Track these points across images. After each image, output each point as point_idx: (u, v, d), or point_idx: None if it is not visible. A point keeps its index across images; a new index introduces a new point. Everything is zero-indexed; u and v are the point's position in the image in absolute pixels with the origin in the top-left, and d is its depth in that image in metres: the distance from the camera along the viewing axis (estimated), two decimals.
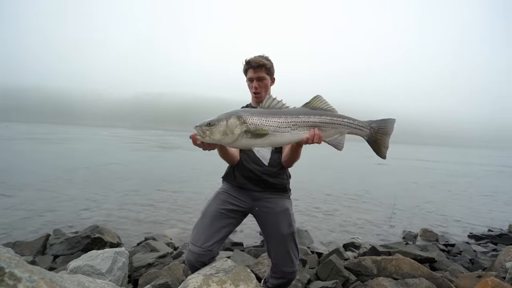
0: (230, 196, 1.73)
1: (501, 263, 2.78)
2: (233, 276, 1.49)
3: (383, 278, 2.37)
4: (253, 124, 1.30)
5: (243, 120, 1.30)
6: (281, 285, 1.81)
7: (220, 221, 1.66)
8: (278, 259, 1.71)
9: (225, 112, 1.37)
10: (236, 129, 1.29)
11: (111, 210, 5.44)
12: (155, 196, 6.71)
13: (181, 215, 5.44)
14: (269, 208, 1.70)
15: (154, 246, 3.46)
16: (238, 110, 1.37)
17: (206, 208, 1.72)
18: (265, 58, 1.77)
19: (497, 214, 6.96)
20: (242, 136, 1.30)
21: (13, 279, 0.65)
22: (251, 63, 1.74)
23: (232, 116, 1.31)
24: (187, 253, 1.63)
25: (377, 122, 1.45)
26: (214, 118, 1.31)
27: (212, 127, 1.28)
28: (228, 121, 1.29)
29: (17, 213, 4.94)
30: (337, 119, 1.39)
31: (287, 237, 1.67)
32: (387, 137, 1.46)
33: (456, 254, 3.96)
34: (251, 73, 1.75)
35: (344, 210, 6.40)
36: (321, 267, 2.77)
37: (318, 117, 1.36)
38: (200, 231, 1.63)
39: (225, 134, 1.29)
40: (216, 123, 1.28)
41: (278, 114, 1.34)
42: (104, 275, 2.04)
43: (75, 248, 3.34)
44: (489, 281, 1.98)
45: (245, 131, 1.30)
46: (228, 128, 1.28)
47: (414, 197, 8.30)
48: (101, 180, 8.21)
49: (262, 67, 1.74)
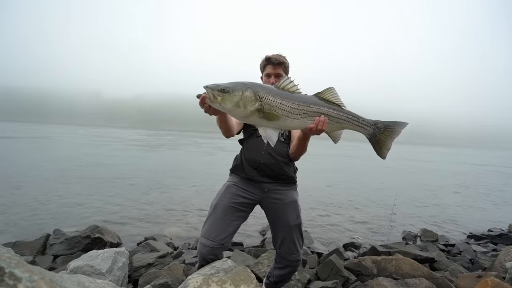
0: (240, 188, 1.76)
1: (501, 263, 2.78)
2: (233, 276, 1.49)
3: (383, 278, 2.37)
4: (268, 104, 1.24)
5: (259, 97, 1.23)
6: (285, 275, 1.87)
7: (231, 215, 1.69)
8: (284, 249, 1.77)
9: (240, 82, 1.28)
10: (250, 104, 1.22)
11: (111, 210, 5.44)
12: (155, 196, 6.71)
13: (181, 215, 5.44)
14: (278, 200, 1.75)
15: (154, 246, 3.46)
16: (255, 84, 1.28)
17: (217, 201, 1.74)
18: (284, 57, 1.85)
19: (497, 214, 6.96)
20: (253, 113, 1.24)
21: (13, 279, 0.65)
22: (271, 60, 1.80)
23: (248, 89, 1.22)
24: (199, 246, 1.66)
25: (385, 123, 1.41)
26: (229, 84, 1.22)
27: (225, 94, 1.19)
28: (244, 93, 1.21)
29: (17, 213, 4.94)
30: (343, 114, 1.37)
31: (295, 227, 1.74)
32: (391, 139, 1.42)
33: (456, 254, 3.96)
34: (270, 69, 1.81)
35: (344, 210, 6.40)
36: (321, 267, 2.77)
37: (327, 109, 1.34)
38: (212, 224, 1.67)
39: (237, 106, 1.21)
40: (230, 91, 1.20)
41: (292, 99, 1.30)
42: (104, 275, 2.04)
43: (75, 248, 3.34)
44: (489, 281, 1.98)
45: (258, 109, 1.24)
46: (242, 101, 1.21)
47: (414, 197, 8.30)
48: (101, 180, 8.22)
49: (282, 65, 1.81)
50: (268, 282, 2.00)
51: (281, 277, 1.88)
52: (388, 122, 1.41)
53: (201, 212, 5.65)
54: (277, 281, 1.93)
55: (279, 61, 1.80)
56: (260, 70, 1.90)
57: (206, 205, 6.06)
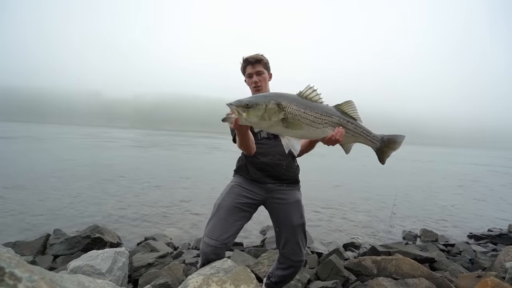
0: (244, 189, 1.77)
1: (500, 263, 2.78)
2: (233, 276, 1.49)
3: (383, 278, 2.37)
4: (291, 113, 1.27)
5: (282, 107, 1.25)
6: (288, 275, 1.87)
7: (235, 215, 1.70)
8: (287, 249, 1.78)
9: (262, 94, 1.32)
10: (274, 116, 1.24)
11: (111, 210, 5.44)
12: (155, 196, 6.71)
13: (181, 215, 5.44)
14: (282, 200, 1.77)
15: (154, 246, 3.46)
16: (278, 94, 1.31)
17: (221, 201, 1.74)
18: (260, 55, 1.86)
19: (497, 214, 6.96)
20: (278, 123, 1.26)
21: (13, 279, 0.65)
22: (248, 60, 1.81)
23: (271, 101, 1.25)
24: (202, 245, 1.66)
25: (389, 137, 1.55)
26: (251, 99, 1.25)
27: (249, 109, 1.22)
28: (267, 106, 1.24)
29: (17, 213, 4.94)
30: (359, 129, 1.45)
31: (299, 227, 1.76)
32: (393, 150, 1.58)
33: (456, 254, 3.96)
34: (250, 69, 1.82)
35: (344, 210, 6.40)
36: (321, 267, 2.77)
37: (346, 122, 1.40)
38: (216, 224, 1.67)
39: (262, 119, 1.24)
40: (254, 105, 1.23)
41: (314, 108, 1.32)
42: (104, 275, 2.04)
43: (75, 248, 3.34)
44: (488, 281, 1.98)
45: (282, 119, 1.26)
46: (266, 113, 1.23)
47: (414, 197, 8.31)
48: (101, 180, 8.21)
49: (260, 62, 1.82)
50: (268, 282, 2.00)
51: (283, 277, 1.88)
52: (392, 136, 1.55)
53: (201, 212, 5.65)
54: (278, 281, 1.93)
55: (256, 59, 1.81)
56: (242, 73, 1.91)
57: (206, 205, 6.07)
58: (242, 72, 1.90)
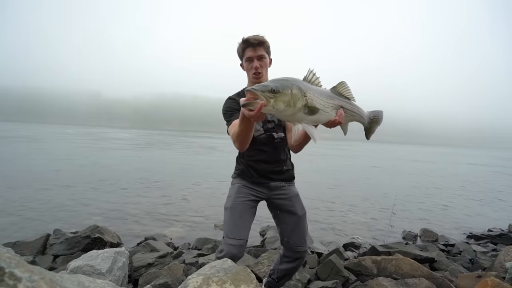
0: (250, 189, 1.82)
1: (501, 263, 2.78)
2: (233, 276, 1.49)
3: (383, 278, 2.37)
4: (310, 99, 1.23)
5: (303, 93, 1.20)
6: (293, 268, 1.91)
7: (247, 212, 1.77)
8: (294, 240, 1.83)
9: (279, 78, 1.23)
10: (299, 101, 1.18)
11: (111, 210, 5.44)
12: (155, 196, 6.71)
13: (181, 215, 5.44)
14: (284, 194, 1.85)
15: (154, 246, 3.46)
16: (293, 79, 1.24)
17: (232, 202, 1.77)
18: (262, 36, 1.70)
19: (497, 214, 6.97)
20: (300, 110, 1.21)
21: (13, 279, 0.65)
22: (250, 41, 1.64)
23: (294, 86, 1.19)
24: (228, 248, 1.67)
25: (374, 113, 1.61)
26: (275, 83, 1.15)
27: (276, 95, 1.13)
28: (292, 91, 1.17)
29: (17, 213, 4.94)
30: (355, 108, 1.47)
31: (302, 218, 1.85)
32: (378, 126, 1.64)
33: (456, 254, 3.96)
34: (251, 52, 1.66)
35: (344, 210, 6.40)
36: (321, 267, 2.77)
37: (345, 103, 1.41)
38: (235, 224, 1.72)
39: (288, 105, 1.16)
40: (281, 90, 1.14)
41: (321, 93, 1.30)
42: (104, 275, 2.04)
43: (75, 248, 3.34)
44: (489, 281, 1.98)
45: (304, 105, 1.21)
46: (292, 99, 1.16)
47: (414, 197, 8.31)
48: (100, 180, 8.21)
49: (262, 44, 1.67)
50: (270, 279, 2.02)
51: (288, 271, 1.92)
52: (375, 112, 1.61)
53: (201, 212, 5.65)
54: (281, 276, 1.96)
55: (259, 40, 1.64)
56: (239, 56, 1.75)
57: (206, 205, 6.07)
58: (240, 54, 1.73)
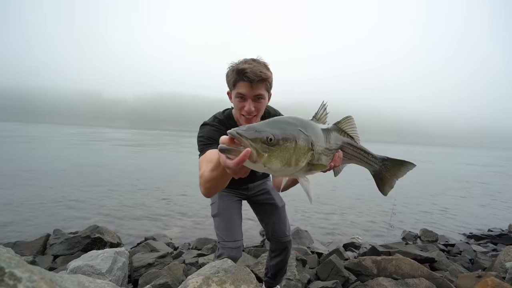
0: (230, 192, 1.85)
1: (501, 263, 2.78)
2: (233, 276, 1.49)
3: (383, 278, 2.37)
4: (318, 153, 0.91)
5: (311, 145, 0.86)
6: (282, 260, 1.95)
7: (235, 212, 1.79)
8: (278, 232, 1.87)
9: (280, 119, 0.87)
10: (303, 158, 0.83)
11: (111, 210, 5.44)
12: (155, 196, 6.71)
13: (181, 215, 5.44)
14: (262, 190, 1.89)
15: (154, 246, 3.46)
16: (303, 122, 0.91)
17: (218, 208, 1.78)
18: (265, 67, 1.31)
19: (497, 214, 6.96)
20: (302, 169, 0.87)
21: (13, 279, 0.65)
22: (247, 75, 1.23)
23: (301, 134, 0.84)
24: (227, 251, 1.68)
25: (393, 161, 1.29)
26: (274, 128, 0.79)
27: (273, 148, 0.76)
28: (297, 143, 0.81)
29: (17, 213, 4.94)
30: (357, 150, 1.23)
31: (282, 208, 1.90)
32: (396, 178, 1.32)
33: (456, 254, 3.96)
34: (246, 89, 1.28)
35: (344, 210, 6.39)
36: (321, 267, 2.77)
37: (344, 145, 1.16)
38: (230, 227, 1.73)
39: (287, 165, 0.79)
40: (281, 141, 0.77)
41: (328, 137, 1.02)
42: (104, 275, 2.04)
43: (75, 248, 3.34)
44: (489, 281, 1.98)
45: (307, 163, 0.87)
46: (295, 155, 0.80)
47: (414, 197, 8.30)
48: (100, 180, 8.21)
49: (263, 82, 1.28)
50: (267, 279, 2.05)
51: (279, 265, 1.96)
52: (397, 161, 1.30)
53: (201, 212, 5.65)
54: (275, 272, 2.00)
55: (260, 77, 1.24)
56: (228, 84, 1.36)
57: (206, 205, 6.06)
58: (230, 85, 1.35)
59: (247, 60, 1.31)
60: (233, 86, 1.32)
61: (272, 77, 1.34)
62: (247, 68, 1.24)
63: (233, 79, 1.30)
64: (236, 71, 1.27)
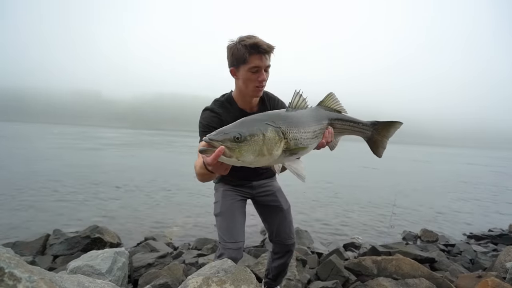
0: (234, 190, 1.82)
1: (501, 263, 2.77)
2: (233, 276, 1.49)
3: (383, 278, 2.37)
4: (294, 139, 1.01)
5: (282, 135, 0.97)
6: (285, 263, 1.93)
7: (238, 213, 1.77)
8: (282, 234, 1.84)
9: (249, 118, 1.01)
10: (276, 147, 0.95)
11: (111, 210, 5.44)
12: (155, 196, 6.71)
13: (181, 215, 5.44)
14: (268, 190, 1.86)
15: (154, 246, 3.47)
16: (271, 116, 1.04)
17: (221, 207, 1.76)
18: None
19: (497, 214, 6.96)
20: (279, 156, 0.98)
21: (13, 279, 0.65)
22: (260, 47, 1.33)
23: (268, 127, 0.95)
24: (228, 252, 1.67)
25: (382, 124, 1.37)
26: (241, 128, 0.93)
27: (241, 144, 0.90)
28: (265, 135, 0.93)
29: (17, 213, 4.94)
30: (346, 122, 1.31)
31: (287, 211, 1.86)
32: (387, 139, 1.40)
33: (456, 254, 3.96)
34: (259, 61, 1.37)
35: (344, 210, 6.39)
36: (321, 267, 2.76)
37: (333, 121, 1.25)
38: (232, 228, 1.72)
39: (260, 155, 0.92)
40: (248, 137, 0.90)
41: (308, 121, 1.12)
42: (104, 275, 2.04)
43: (75, 248, 3.34)
44: (489, 281, 1.98)
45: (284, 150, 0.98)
46: (265, 146, 0.93)
47: (414, 197, 8.30)
48: (100, 180, 8.21)
49: (271, 52, 1.41)
50: (267, 280, 2.03)
51: (281, 266, 1.94)
52: (385, 123, 1.38)
53: (201, 212, 5.65)
54: (276, 274, 1.99)
55: (272, 48, 1.38)
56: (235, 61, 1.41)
57: (206, 205, 6.06)
58: (240, 60, 1.39)
59: (251, 36, 1.38)
60: (244, 61, 1.37)
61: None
62: (259, 41, 1.34)
63: (246, 53, 1.35)
64: (249, 46, 1.34)
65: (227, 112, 1.56)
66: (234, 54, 1.39)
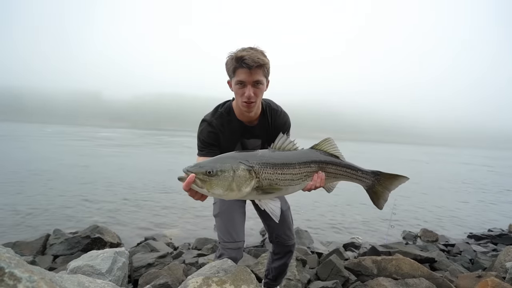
0: None
1: (501, 263, 2.78)
2: (233, 276, 1.49)
3: (383, 278, 2.37)
4: (267, 179, 1.05)
5: (254, 174, 1.02)
6: (285, 263, 1.93)
7: (238, 213, 1.77)
8: (281, 235, 1.84)
9: (226, 155, 1.07)
10: (245, 184, 1.01)
11: (111, 210, 5.44)
12: (155, 196, 6.71)
13: (181, 215, 5.44)
14: None
15: (154, 246, 3.47)
16: (247, 155, 1.08)
17: (220, 208, 1.76)
18: (262, 54, 1.36)
19: (497, 214, 6.96)
20: (249, 193, 1.04)
21: (13, 279, 0.65)
22: (246, 61, 1.29)
23: (240, 165, 1.01)
24: (228, 252, 1.67)
25: (386, 176, 1.35)
26: (215, 163, 1.01)
27: (212, 178, 0.98)
28: (235, 172, 0.99)
29: (17, 213, 4.94)
30: (342, 168, 1.29)
31: (287, 212, 1.84)
32: (389, 191, 1.38)
33: (456, 254, 3.96)
34: (245, 75, 1.34)
35: (344, 211, 6.40)
36: (321, 267, 2.77)
37: (325, 165, 1.24)
38: (231, 228, 1.71)
39: (229, 189, 1.00)
40: (219, 172, 0.98)
41: (291, 163, 1.14)
42: (104, 275, 2.04)
43: (75, 248, 3.34)
44: (489, 281, 1.98)
45: (256, 188, 1.04)
46: (235, 182, 0.99)
47: (414, 197, 8.30)
48: (100, 180, 8.21)
49: (261, 68, 1.34)
50: (267, 281, 2.03)
51: (281, 267, 1.94)
52: (389, 175, 1.36)
53: (201, 212, 5.65)
54: (276, 275, 1.99)
55: (257, 62, 1.30)
56: (228, 73, 1.43)
57: (206, 205, 6.05)
58: (229, 72, 1.40)
59: (245, 48, 1.37)
60: (233, 74, 1.38)
61: (269, 63, 1.40)
62: (245, 55, 1.31)
63: (232, 67, 1.36)
64: (235, 59, 1.34)
65: (226, 125, 1.52)
66: (226, 65, 1.42)
